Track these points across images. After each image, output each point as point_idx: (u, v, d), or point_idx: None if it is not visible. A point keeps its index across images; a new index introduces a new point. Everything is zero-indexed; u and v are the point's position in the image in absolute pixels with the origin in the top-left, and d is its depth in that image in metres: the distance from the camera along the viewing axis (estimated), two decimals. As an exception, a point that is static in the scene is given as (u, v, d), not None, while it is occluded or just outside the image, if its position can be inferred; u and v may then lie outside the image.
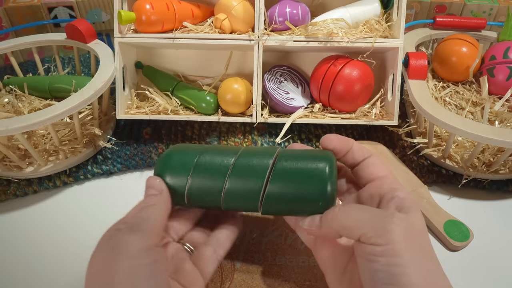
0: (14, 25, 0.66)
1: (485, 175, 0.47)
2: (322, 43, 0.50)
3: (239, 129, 0.55)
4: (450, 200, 0.48)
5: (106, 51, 0.53)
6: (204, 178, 0.32)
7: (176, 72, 0.59)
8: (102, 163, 0.51)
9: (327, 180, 0.30)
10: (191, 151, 0.33)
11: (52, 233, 0.44)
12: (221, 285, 0.36)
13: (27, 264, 0.41)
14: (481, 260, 0.41)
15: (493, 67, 0.54)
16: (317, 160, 0.31)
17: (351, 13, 0.52)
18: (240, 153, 0.33)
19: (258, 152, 0.33)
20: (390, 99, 0.52)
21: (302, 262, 0.39)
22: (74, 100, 0.45)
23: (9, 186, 0.48)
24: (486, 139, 0.41)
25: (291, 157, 0.32)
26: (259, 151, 0.33)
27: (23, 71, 0.61)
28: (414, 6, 0.69)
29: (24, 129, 0.42)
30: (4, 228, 0.45)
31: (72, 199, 0.48)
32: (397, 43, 0.50)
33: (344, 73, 0.50)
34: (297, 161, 0.31)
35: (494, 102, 0.54)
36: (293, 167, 0.31)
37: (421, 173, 0.49)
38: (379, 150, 0.52)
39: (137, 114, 0.52)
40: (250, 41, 0.50)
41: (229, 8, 0.51)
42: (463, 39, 0.55)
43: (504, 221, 0.45)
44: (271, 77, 0.54)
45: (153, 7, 0.49)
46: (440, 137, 0.51)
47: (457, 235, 0.42)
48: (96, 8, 0.67)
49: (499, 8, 0.67)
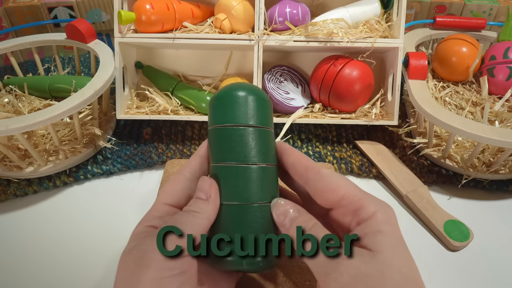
0: (14, 25, 0.66)
1: (485, 175, 0.47)
2: (322, 43, 0.50)
3: (239, 129, 0.55)
4: (450, 200, 0.48)
5: (106, 51, 0.53)
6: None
7: (176, 72, 0.59)
8: (102, 163, 0.51)
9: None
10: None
11: (52, 233, 0.44)
12: (221, 285, 0.36)
13: (27, 264, 0.41)
14: (481, 260, 0.41)
15: (493, 67, 0.54)
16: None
17: (351, 13, 0.52)
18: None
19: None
20: (390, 99, 0.52)
21: (302, 262, 0.39)
22: (74, 100, 0.45)
23: (9, 186, 0.48)
24: (486, 139, 0.41)
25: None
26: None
27: (23, 71, 0.61)
28: (414, 6, 0.69)
29: (24, 129, 0.42)
30: (4, 228, 0.45)
31: (72, 199, 0.48)
32: (397, 43, 0.50)
33: (344, 73, 0.50)
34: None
35: (494, 102, 0.54)
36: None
37: (421, 173, 0.49)
38: (379, 150, 0.52)
39: (137, 114, 0.52)
40: (250, 41, 0.50)
41: (229, 8, 0.51)
42: (463, 39, 0.55)
43: (504, 221, 0.45)
44: (271, 77, 0.54)
45: (153, 7, 0.49)
46: (440, 137, 0.51)
47: (457, 235, 0.42)
48: (96, 8, 0.67)
49: (499, 8, 0.67)
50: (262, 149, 0.31)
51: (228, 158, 0.30)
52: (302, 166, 0.30)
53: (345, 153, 0.53)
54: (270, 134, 0.32)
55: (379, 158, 0.51)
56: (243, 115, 0.30)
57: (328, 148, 0.53)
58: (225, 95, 0.31)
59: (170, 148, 0.53)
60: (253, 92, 0.31)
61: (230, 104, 0.31)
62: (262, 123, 0.31)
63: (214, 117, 0.31)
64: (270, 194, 0.31)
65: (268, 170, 0.31)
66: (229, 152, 0.30)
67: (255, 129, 0.31)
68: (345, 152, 0.53)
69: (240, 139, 0.30)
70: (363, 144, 0.53)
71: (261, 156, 0.30)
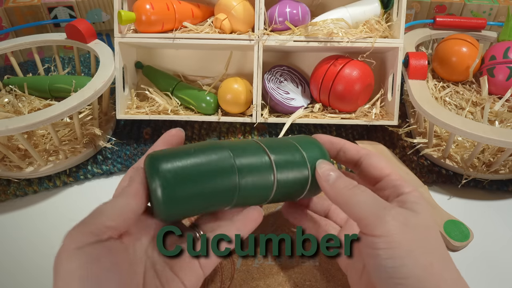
0: (14, 25, 0.66)
1: (485, 175, 0.47)
2: (322, 43, 0.50)
3: (239, 129, 0.55)
4: (450, 200, 0.48)
5: (106, 51, 0.53)
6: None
7: (176, 72, 0.59)
8: (102, 163, 0.51)
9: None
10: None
11: (52, 233, 0.44)
12: (221, 285, 0.36)
13: (27, 264, 0.41)
14: (481, 260, 0.41)
15: (493, 67, 0.54)
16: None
17: (351, 13, 0.52)
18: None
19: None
20: (390, 99, 0.52)
21: (302, 262, 0.39)
22: (74, 100, 0.45)
23: (9, 186, 0.48)
24: (486, 139, 0.41)
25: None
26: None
27: (23, 71, 0.61)
28: (414, 6, 0.69)
29: (24, 129, 0.42)
30: (4, 228, 0.45)
31: (72, 199, 0.48)
32: (397, 43, 0.50)
33: (344, 73, 0.50)
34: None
35: (494, 102, 0.54)
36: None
37: (421, 173, 0.49)
38: (379, 150, 0.52)
39: (137, 114, 0.52)
40: (250, 41, 0.50)
41: (229, 8, 0.51)
42: (463, 39, 0.55)
43: (504, 221, 0.45)
44: (271, 77, 0.54)
45: (153, 7, 0.49)
46: (440, 137, 0.51)
47: (457, 235, 0.42)
48: (96, 8, 0.67)
49: (499, 8, 0.67)
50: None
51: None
52: (353, 150, 0.34)
53: (345, 153, 0.53)
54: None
55: (379, 158, 0.51)
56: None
57: (328, 148, 0.53)
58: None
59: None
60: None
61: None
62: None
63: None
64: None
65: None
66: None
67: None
68: (345, 152, 0.53)
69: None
70: (363, 144, 0.53)
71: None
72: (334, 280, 0.37)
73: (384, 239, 0.26)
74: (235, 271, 0.38)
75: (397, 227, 0.27)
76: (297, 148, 0.33)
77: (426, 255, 0.26)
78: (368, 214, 0.28)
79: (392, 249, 0.26)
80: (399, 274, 0.25)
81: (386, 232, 0.26)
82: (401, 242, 0.26)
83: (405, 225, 0.27)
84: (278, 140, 0.35)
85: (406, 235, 0.26)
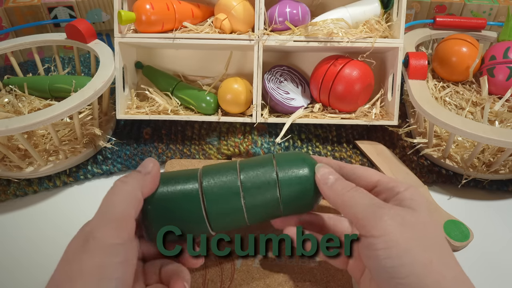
0: (14, 25, 0.66)
1: (485, 175, 0.47)
2: (322, 43, 0.50)
3: (239, 129, 0.55)
4: (450, 200, 0.48)
5: (106, 51, 0.53)
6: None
7: (176, 72, 0.59)
8: (102, 163, 0.51)
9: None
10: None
11: (52, 233, 0.44)
12: (221, 285, 0.36)
13: (27, 264, 0.41)
14: (481, 260, 0.41)
15: (493, 67, 0.54)
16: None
17: (351, 13, 0.52)
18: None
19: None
20: (390, 99, 0.52)
21: (302, 262, 0.39)
22: (74, 100, 0.45)
23: (9, 186, 0.48)
24: (486, 139, 0.41)
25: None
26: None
27: (23, 71, 0.61)
28: (414, 6, 0.69)
29: (24, 129, 0.42)
30: (4, 228, 0.45)
31: (72, 199, 0.48)
32: (397, 43, 0.50)
33: (344, 73, 0.50)
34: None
35: (494, 102, 0.54)
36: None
37: (421, 173, 0.49)
38: (379, 150, 0.52)
39: (137, 114, 0.52)
40: (250, 41, 0.50)
41: (229, 8, 0.51)
42: (463, 39, 0.55)
43: (504, 221, 0.45)
44: (271, 77, 0.54)
45: (153, 7, 0.49)
46: (440, 137, 0.51)
47: (457, 235, 0.42)
48: (96, 8, 0.67)
49: (499, 8, 0.67)
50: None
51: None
52: (335, 166, 0.35)
53: (345, 153, 0.53)
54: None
55: (379, 158, 0.51)
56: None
57: (328, 148, 0.53)
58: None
59: (170, 148, 0.53)
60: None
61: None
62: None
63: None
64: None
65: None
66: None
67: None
68: (345, 152, 0.53)
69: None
70: (363, 144, 0.53)
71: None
72: (334, 280, 0.37)
73: (381, 239, 0.26)
74: (235, 271, 0.38)
75: (394, 226, 0.27)
76: (272, 167, 0.34)
77: (425, 253, 0.26)
78: (365, 215, 0.28)
79: (390, 249, 0.26)
80: (399, 274, 0.25)
81: (383, 231, 0.27)
82: (398, 241, 0.26)
83: (402, 223, 0.27)
84: (258, 164, 0.35)
85: (403, 234, 0.27)
